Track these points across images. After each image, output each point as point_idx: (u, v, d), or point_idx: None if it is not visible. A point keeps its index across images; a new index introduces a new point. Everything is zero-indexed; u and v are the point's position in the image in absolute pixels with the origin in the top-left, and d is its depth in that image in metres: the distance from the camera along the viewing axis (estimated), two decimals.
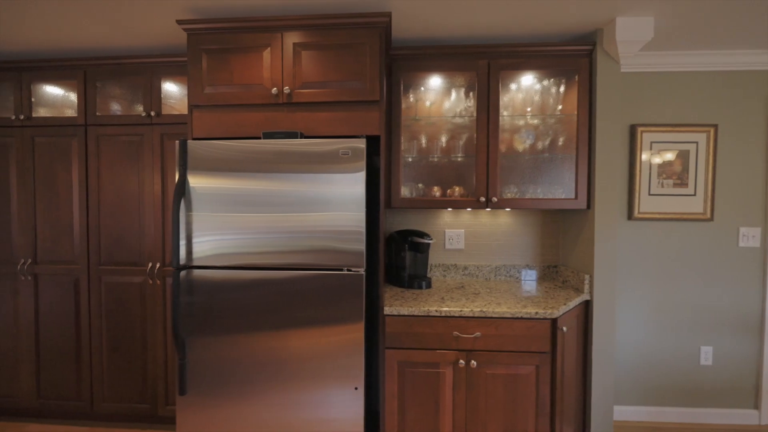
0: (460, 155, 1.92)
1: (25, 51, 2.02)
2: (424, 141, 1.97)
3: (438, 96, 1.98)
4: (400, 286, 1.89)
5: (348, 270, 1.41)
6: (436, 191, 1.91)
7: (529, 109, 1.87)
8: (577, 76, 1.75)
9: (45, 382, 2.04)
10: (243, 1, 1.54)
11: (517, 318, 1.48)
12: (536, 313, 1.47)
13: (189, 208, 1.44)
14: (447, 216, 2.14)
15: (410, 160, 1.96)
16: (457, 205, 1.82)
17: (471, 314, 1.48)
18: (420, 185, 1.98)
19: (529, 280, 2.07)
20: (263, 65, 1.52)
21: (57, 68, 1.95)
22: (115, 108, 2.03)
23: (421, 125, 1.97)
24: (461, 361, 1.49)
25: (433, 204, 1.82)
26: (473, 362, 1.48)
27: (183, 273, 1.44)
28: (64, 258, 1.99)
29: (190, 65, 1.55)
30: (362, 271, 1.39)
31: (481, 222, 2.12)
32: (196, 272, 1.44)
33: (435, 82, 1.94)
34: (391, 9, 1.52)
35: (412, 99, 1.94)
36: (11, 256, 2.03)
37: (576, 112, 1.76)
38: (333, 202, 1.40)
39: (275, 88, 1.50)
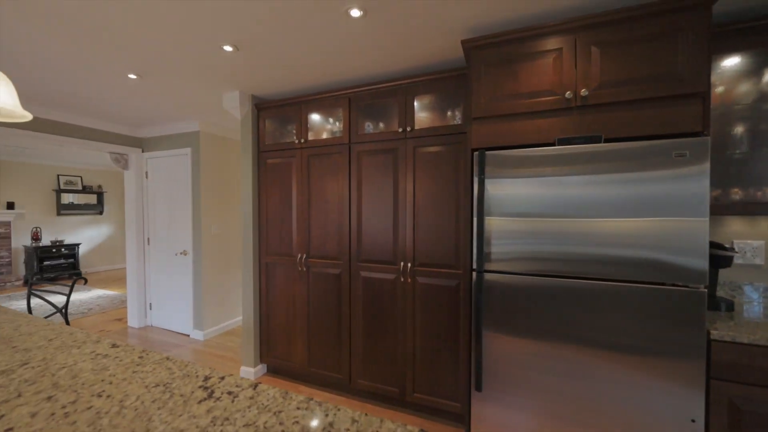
0: None
1: (300, 88, 2.54)
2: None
3: (733, 80, 1.64)
4: None
5: (673, 285, 1.27)
6: (735, 193, 1.58)
7: None
8: None
9: (313, 354, 2.51)
10: (528, 11, 1.56)
11: None
12: None
13: (487, 214, 1.53)
14: (735, 224, 1.76)
15: None
16: None
17: None
18: None
19: None
20: (553, 70, 1.50)
21: (328, 98, 2.39)
22: (368, 126, 2.36)
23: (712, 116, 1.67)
24: None
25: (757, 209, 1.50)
26: None
27: (480, 275, 1.53)
28: (330, 254, 2.42)
29: (473, 80, 1.65)
30: (702, 288, 1.22)
31: None
32: (494, 276, 1.52)
33: (731, 62, 1.61)
34: None
35: None
36: (291, 250, 2.57)
37: None
38: (659, 208, 1.27)
39: (569, 92, 1.46)
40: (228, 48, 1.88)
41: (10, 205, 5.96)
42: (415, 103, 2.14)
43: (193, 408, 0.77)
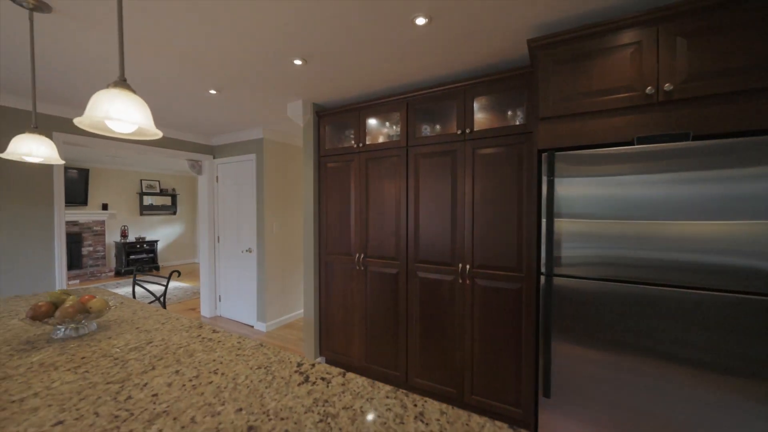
0: None
1: (358, 95, 2.65)
2: None
3: None
4: None
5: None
6: None
7: None
8: None
9: (370, 350, 2.60)
10: (598, 6, 1.50)
11: None
12: None
13: (556, 216, 1.49)
14: None
15: None
16: None
17: None
18: None
19: None
20: (631, 65, 1.43)
21: (386, 103, 2.46)
22: (425, 129, 2.40)
23: None
24: None
25: None
26: None
27: (549, 279, 1.50)
28: (387, 254, 2.49)
29: (540, 79, 1.62)
30: None
31: None
32: (564, 280, 1.48)
33: None
34: None
35: None
36: (350, 250, 2.69)
37: None
38: (761, 210, 1.16)
39: (650, 87, 1.38)
40: (298, 61, 2.03)
41: (105, 207, 6.88)
42: (474, 105, 2.13)
43: (294, 389, 0.87)
